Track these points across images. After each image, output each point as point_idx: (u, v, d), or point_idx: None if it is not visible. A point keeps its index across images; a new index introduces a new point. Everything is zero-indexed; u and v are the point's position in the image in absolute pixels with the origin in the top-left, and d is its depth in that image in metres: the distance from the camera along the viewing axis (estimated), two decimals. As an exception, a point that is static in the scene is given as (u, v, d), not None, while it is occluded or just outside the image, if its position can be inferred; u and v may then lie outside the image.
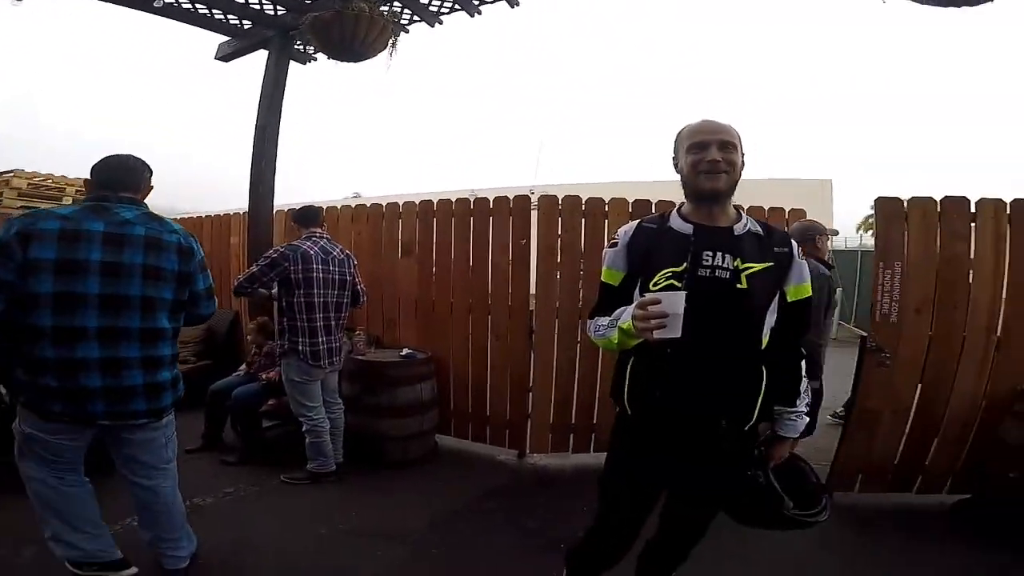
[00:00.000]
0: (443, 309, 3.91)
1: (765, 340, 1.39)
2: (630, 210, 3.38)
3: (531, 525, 2.72)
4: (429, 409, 3.56)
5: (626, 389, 1.46)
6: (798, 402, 1.48)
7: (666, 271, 1.37)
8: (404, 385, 3.41)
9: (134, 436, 1.87)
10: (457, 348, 3.86)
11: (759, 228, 1.44)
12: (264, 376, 3.53)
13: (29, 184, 6.84)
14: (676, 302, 1.21)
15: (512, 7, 3.97)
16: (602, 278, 1.53)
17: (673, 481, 1.47)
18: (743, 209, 1.51)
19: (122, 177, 1.87)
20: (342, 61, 3.44)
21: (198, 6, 4.09)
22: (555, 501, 3.02)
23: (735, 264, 1.35)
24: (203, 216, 5.71)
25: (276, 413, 3.49)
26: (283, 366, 3.09)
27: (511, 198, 3.71)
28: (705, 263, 1.36)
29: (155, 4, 3.81)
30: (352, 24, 3.20)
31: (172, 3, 3.93)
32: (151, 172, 1.98)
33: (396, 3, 3.99)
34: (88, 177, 1.89)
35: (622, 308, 1.39)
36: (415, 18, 4.18)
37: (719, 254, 1.36)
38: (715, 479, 1.44)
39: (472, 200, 3.82)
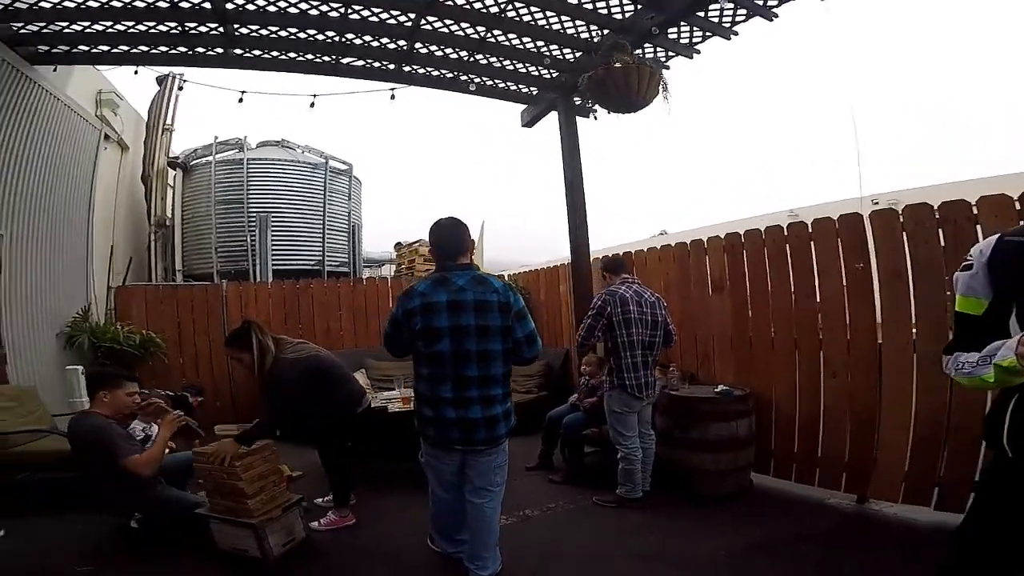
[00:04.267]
0: (763, 345, 3.67)
1: None
2: (1017, 207, 2.53)
3: (855, 569, 2.37)
4: (745, 446, 3.39)
5: (1006, 432, 1.24)
6: None
7: None
8: (717, 421, 3.33)
9: (476, 460, 2.26)
10: (781, 385, 3.55)
11: None
12: (583, 404, 3.95)
13: (428, 250, 9.53)
14: None
15: (770, 20, 3.73)
16: (957, 307, 1.36)
17: None
18: None
19: (454, 245, 2.29)
20: (623, 113, 3.61)
21: (497, 81, 5.08)
22: (895, 550, 2.54)
23: None
24: (539, 268, 6.86)
25: (596, 440, 3.86)
26: (607, 398, 3.42)
27: (835, 218, 3.27)
28: None
29: (470, 88, 4.95)
30: (622, 77, 3.37)
31: (481, 83, 5.01)
32: (467, 229, 2.38)
33: (647, 45, 4.18)
34: (430, 243, 2.39)
35: (999, 342, 1.18)
36: (671, 54, 4.33)
37: None
38: None
39: (786, 227, 3.53)
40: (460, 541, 2.47)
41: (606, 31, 4.13)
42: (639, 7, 3.83)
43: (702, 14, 3.86)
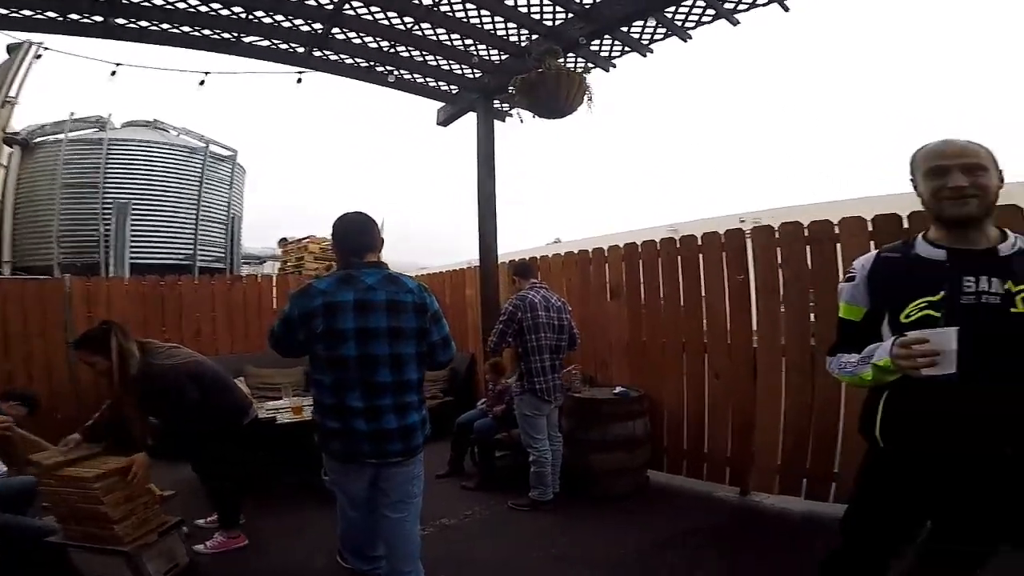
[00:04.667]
0: (655, 349, 3.93)
1: None
2: (869, 228, 2.95)
3: (748, 560, 2.61)
4: (642, 445, 3.60)
5: (878, 422, 1.40)
6: None
7: (919, 302, 1.30)
8: (617, 421, 3.50)
9: (391, 473, 2.05)
10: (671, 386, 3.83)
11: None
12: (492, 411, 3.97)
13: (320, 248, 9.05)
14: (947, 339, 1.19)
15: (684, 41, 3.99)
16: (840, 314, 1.50)
17: (941, 513, 1.37)
18: (1007, 229, 1.35)
19: (363, 241, 2.09)
20: (549, 119, 3.66)
21: (416, 76, 4.88)
22: (777, 540, 2.84)
23: (1006, 287, 1.23)
24: (444, 271, 6.77)
25: (507, 444, 3.88)
26: (518, 402, 3.46)
27: (722, 233, 3.61)
28: (968, 289, 1.26)
29: (389, 79, 4.75)
30: (554, 84, 3.43)
31: (399, 76, 4.81)
32: (376, 224, 2.17)
33: (571, 54, 4.27)
34: (332, 238, 2.14)
35: (875, 345, 1.35)
36: (590, 65, 4.45)
37: (983, 278, 1.25)
38: (997, 508, 1.29)
39: (678, 239, 3.83)
40: (375, 558, 2.30)
41: (535, 36, 4.14)
42: (570, 16, 3.88)
43: (625, 29, 4.01)
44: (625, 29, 3.99)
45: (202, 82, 4.59)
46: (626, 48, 4.26)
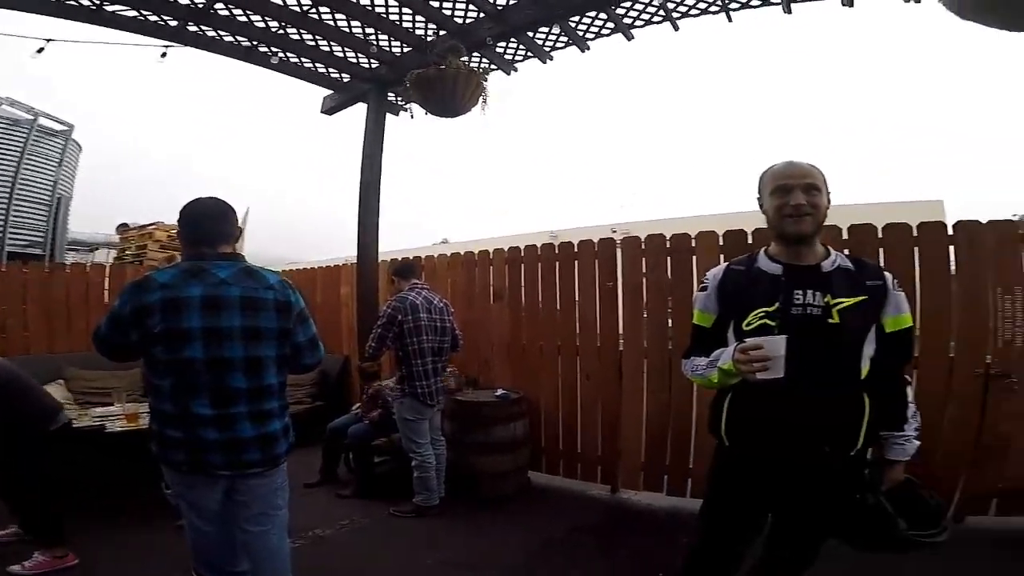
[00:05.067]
0: (533, 351, 4.08)
1: (865, 369, 1.45)
2: (720, 242, 3.33)
3: (622, 557, 2.78)
4: (522, 446, 3.70)
5: (723, 423, 1.55)
6: (906, 426, 1.50)
7: (758, 311, 1.45)
8: (499, 424, 3.58)
9: (249, 484, 1.87)
10: (548, 388, 4.00)
11: (849, 264, 1.49)
12: (367, 417, 3.84)
13: (168, 236, 8.01)
14: (777, 346, 1.33)
15: (583, 51, 4.22)
16: (694, 320, 1.64)
17: (778, 507, 1.55)
18: (829, 247, 1.55)
19: (215, 228, 1.86)
20: (442, 117, 3.57)
21: (304, 60, 4.57)
22: (647, 536, 3.05)
23: (825, 300, 1.42)
24: (316, 267, 6.35)
25: (386, 450, 3.78)
26: (399, 406, 3.37)
27: (596, 241, 3.86)
28: (796, 302, 1.43)
29: (271, 61, 4.37)
30: (452, 82, 3.36)
31: (284, 59, 4.45)
32: (235, 213, 1.97)
33: (475, 54, 4.30)
34: (178, 223, 1.89)
35: (720, 349, 1.51)
36: (492, 67, 4.52)
37: (809, 291, 1.43)
38: (821, 504, 1.49)
39: (557, 245, 4.02)
40: (239, 574, 2.02)
41: (443, 32, 4.04)
42: (481, 16, 3.85)
43: (531, 35, 4.09)
44: (531, 34, 4.10)
45: (40, 49, 3.81)
46: (529, 53, 4.36)
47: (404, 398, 3.32)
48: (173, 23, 3.84)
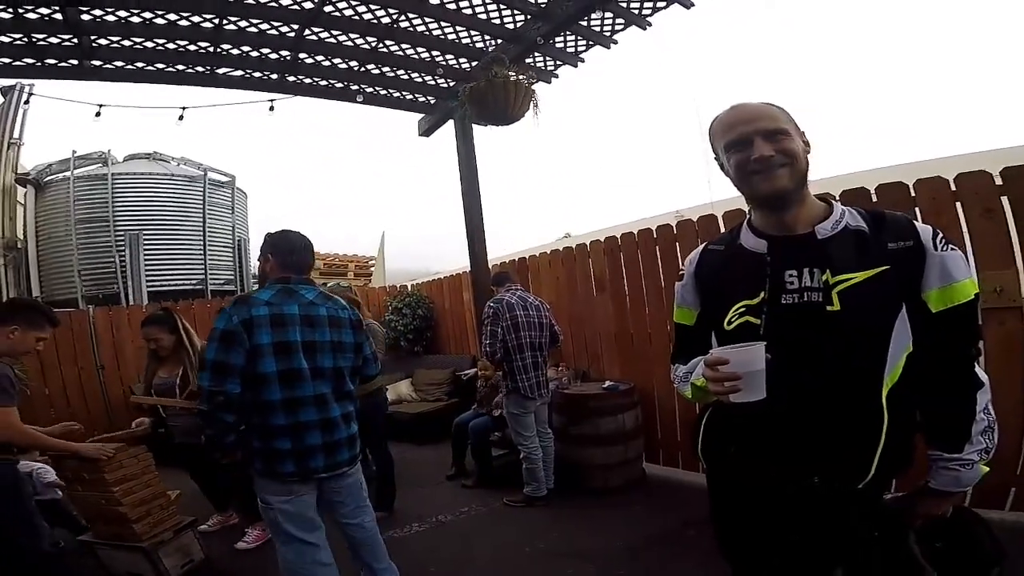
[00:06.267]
0: (642, 340, 3.98)
1: (895, 372, 1.03)
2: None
3: None
4: (633, 438, 3.65)
5: (700, 443, 1.24)
6: (967, 446, 1.04)
7: (739, 306, 1.10)
8: (606, 415, 3.57)
9: (340, 484, 2.07)
10: (662, 378, 3.86)
11: (862, 222, 1.07)
12: (487, 412, 4.08)
13: (325, 263, 9.33)
14: (752, 358, 0.97)
15: (643, 29, 4.05)
16: (674, 318, 1.31)
17: (778, 552, 1.13)
18: (835, 199, 1.13)
19: (305, 259, 2.13)
20: (496, 125, 3.75)
21: (391, 92, 4.99)
22: None
23: (824, 279, 1.03)
24: (442, 277, 6.90)
25: (502, 443, 4.00)
26: (505, 402, 3.58)
27: (695, 220, 3.64)
28: (790, 286, 1.06)
29: (358, 99, 4.87)
30: (502, 91, 3.49)
31: (373, 92, 4.92)
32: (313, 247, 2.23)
33: (537, 54, 4.35)
34: (271, 251, 2.06)
35: (699, 358, 1.16)
36: (557, 62, 4.54)
37: (805, 270, 1.05)
38: (819, 550, 1.08)
39: (655, 229, 3.86)
40: None
41: (499, 40, 4.22)
42: (528, 17, 3.96)
43: (584, 23, 4.06)
44: (584, 23, 4.05)
45: (181, 117, 4.81)
46: (590, 42, 4.31)
47: (509, 394, 3.50)
48: (273, 76, 4.52)
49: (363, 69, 4.58)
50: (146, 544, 2.70)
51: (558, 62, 4.59)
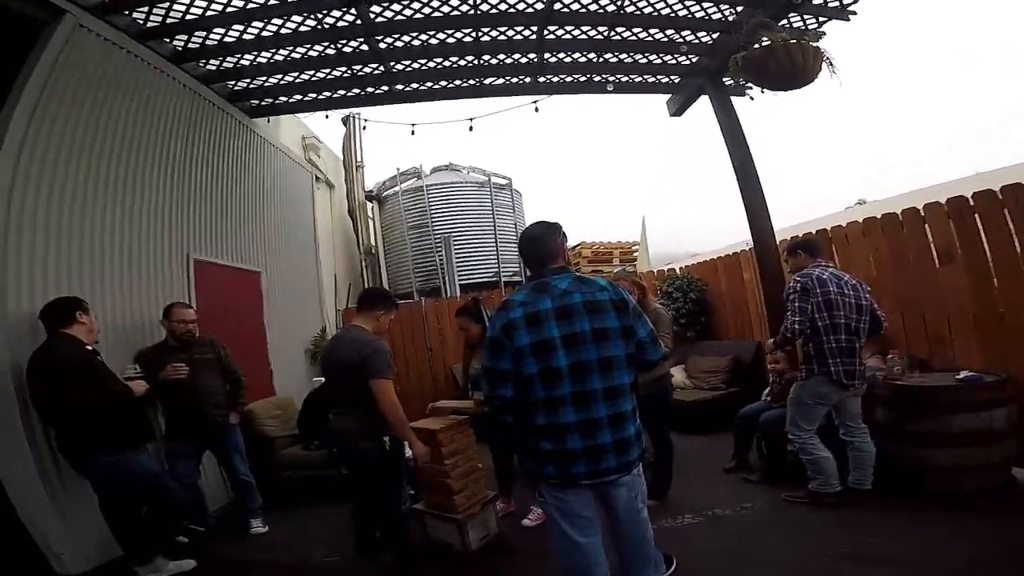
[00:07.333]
0: (1016, 322, 3.00)
1: None
2: None
3: None
4: (999, 439, 2.84)
5: None
6: None
7: None
8: (961, 412, 2.83)
9: (610, 492, 1.89)
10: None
11: None
12: (779, 403, 3.61)
13: (593, 252, 9.68)
14: None
15: None
16: None
17: None
18: None
19: (543, 249, 1.98)
20: (782, 90, 3.38)
21: (634, 78, 4.99)
22: None
23: None
24: (716, 257, 6.37)
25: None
26: (798, 388, 3.13)
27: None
28: None
29: (608, 88, 4.95)
30: (786, 55, 3.12)
31: (619, 80, 4.97)
32: (559, 230, 2.05)
33: (792, 15, 3.94)
34: (520, 254, 2.11)
35: None
36: (821, 19, 4.09)
37: None
38: None
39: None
40: None
41: (739, 8, 3.98)
42: None
43: None
44: None
45: (471, 128, 5.78)
46: None
47: (809, 378, 3.04)
48: (527, 80, 4.95)
49: (602, 59, 4.74)
50: (461, 516, 2.85)
51: (821, 19, 4.05)
